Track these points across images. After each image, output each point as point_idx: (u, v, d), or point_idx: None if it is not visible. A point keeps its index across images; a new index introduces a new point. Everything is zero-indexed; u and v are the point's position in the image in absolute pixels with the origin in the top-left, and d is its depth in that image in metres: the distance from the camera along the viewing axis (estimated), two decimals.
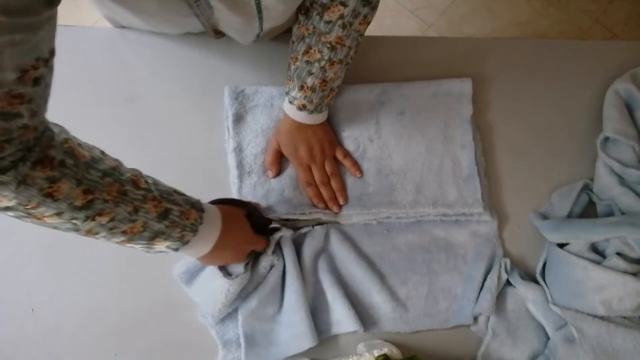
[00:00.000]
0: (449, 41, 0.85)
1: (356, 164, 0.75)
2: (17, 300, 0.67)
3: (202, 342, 0.67)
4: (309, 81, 0.67)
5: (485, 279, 0.69)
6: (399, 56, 0.82)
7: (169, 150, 0.74)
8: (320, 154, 0.73)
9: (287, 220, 0.71)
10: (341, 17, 0.60)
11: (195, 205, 0.56)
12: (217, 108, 0.75)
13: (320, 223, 0.72)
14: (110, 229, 0.49)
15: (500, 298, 0.68)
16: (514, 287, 0.69)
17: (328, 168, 0.74)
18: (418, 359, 0.63)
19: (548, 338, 0.67)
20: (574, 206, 0.73)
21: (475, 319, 0.68)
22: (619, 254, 0.65)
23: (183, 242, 0.55)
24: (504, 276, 0.69)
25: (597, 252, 0.67)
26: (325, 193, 0.73)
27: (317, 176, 0.73)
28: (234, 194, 0.72)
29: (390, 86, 0.78)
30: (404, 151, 0.75)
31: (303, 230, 0.71)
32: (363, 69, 0.79)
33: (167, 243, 0.54)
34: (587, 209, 0.75)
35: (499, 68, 0.82)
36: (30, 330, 0.66)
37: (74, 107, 0.76)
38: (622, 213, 0.70)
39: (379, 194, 0.73)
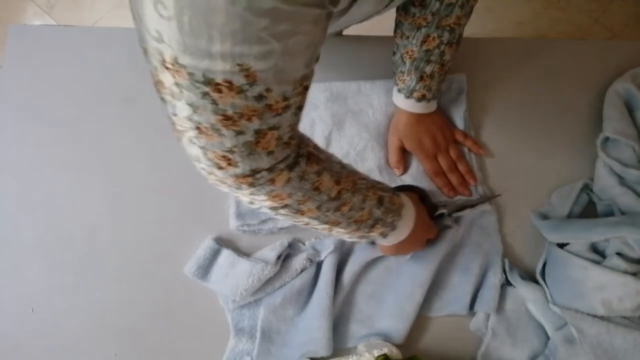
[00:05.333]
0: None
1: (477, 142, 0.75)
2: (17, 300, 0.67)
3: (203, 342, 0.67)
4: (428, 69, 0.66)
5: (481, 273, 0.69)
6: None
7: (167, 150, 0.74)
8: (443, 141, 0.73)
9: None
10: None
11: (394, 192, 0.58)
12: None
13: None
14: (348, 218, 0.51)
15: (500, 298, 0.68)
16: (514, 287, 0.69)
17: (453, 153, 0.73)
18: (418, 359, 0.63)
19: (548, 338, 0.67)
20: (574, 206, 0.73)
21: (473, 310, 0.68)
22: (619, 254, 0.65)
23: (392, 227, 0.56)
24: (503, 276, 0.69)
25: (597, 252, 0.67)
26: (454, 179, 0.72)
27: (444, 164, 0.73)
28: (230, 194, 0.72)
29: (387, 82, 0.77)
30: None
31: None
32: (362, 67, 0.79)
33: (382, 229, 0.56)
34: (587, 209, 0.75)
35: (499, 68, 0.82)
36: (30, 330, 0.66)
37: (73, 107, 0.76)
38: (622, 213, 0.70)
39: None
